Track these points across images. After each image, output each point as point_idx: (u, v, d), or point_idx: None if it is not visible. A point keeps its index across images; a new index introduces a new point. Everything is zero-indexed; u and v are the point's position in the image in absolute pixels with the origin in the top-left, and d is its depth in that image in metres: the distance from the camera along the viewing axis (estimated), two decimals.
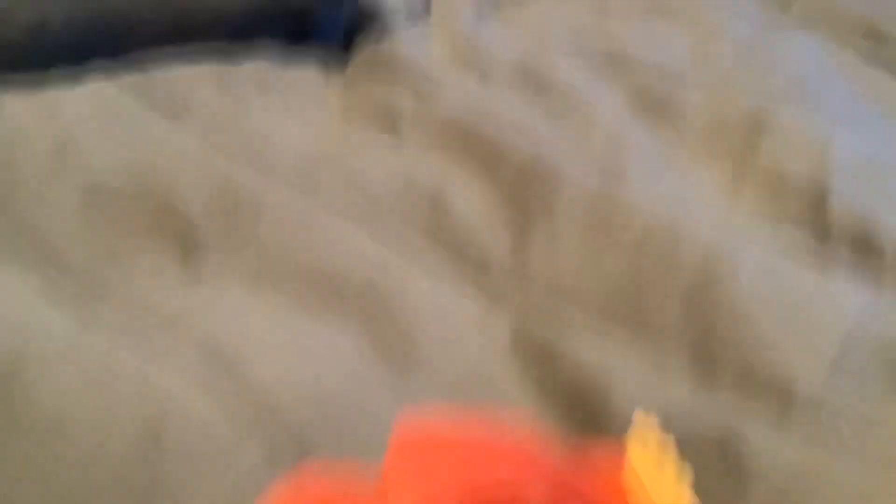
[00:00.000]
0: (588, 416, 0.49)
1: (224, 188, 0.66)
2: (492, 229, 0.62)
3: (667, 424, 0.44)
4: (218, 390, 0.48)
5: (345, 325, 0.54)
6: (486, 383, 0.52)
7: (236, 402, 0.48)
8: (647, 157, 0.71)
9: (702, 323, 0.51)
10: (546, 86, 0.78)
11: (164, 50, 0.83)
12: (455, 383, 0.51)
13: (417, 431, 0.40)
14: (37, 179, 0.68)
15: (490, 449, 0.40)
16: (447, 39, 0.90)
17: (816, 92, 0.75)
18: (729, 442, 0.44)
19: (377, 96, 0.78)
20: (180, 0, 0.81)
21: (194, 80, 0.80)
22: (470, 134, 0.69)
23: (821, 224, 0.61)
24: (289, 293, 0.56)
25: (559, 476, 0.40)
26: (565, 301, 0.55)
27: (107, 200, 0.65)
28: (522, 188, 0.63)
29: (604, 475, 0.43)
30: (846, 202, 0.62)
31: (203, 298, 0.56)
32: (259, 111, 0.78)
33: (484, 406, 0.49)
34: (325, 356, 0.51)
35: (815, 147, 0.67)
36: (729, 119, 0.73)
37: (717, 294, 0.51)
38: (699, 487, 0.41)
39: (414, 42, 0.88)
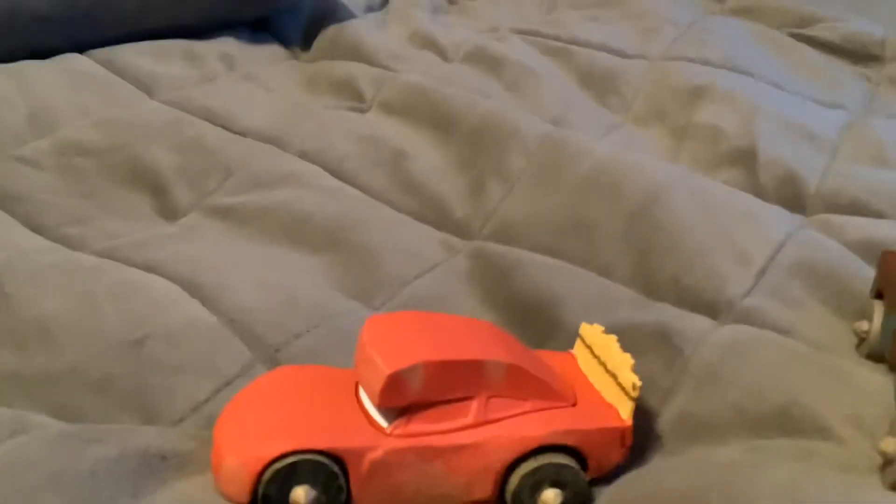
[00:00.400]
0: (540, 331, 0.53)
1: (194, 144, 0.69)
2: (451, 176, 0.66)
3: (610, 330, 0.49)
4: (197, 305, 0.51)
5: (314, 251, 0.57)
6: (447, 304, 0.55)
7: (214, 316, 0.50)
8: (594, 118, 0.76)
9: (642, 242, 0.55)
10: (499, 63, 0.84)
11: (133, 30, 0.86)
12: (418, 303, 0.55)
13: (387, 316, 0.44)
14: (14, 141, 0.70)
15: (455, 321, 0.44)
16: (405, 27, 0.95)
17: (748, 65, 0.82)
18: (666, 334, 0.48)
19: (340, 70, 0.82)
20: None
21: (162, 54, 0.83)
22: (429, 98, 0.74)
23: (752, 167, 0.66)
24: (260, 226, 0.60)
25: (517, 344, 0.44)
26: (519, 233, 0.60)
27: (81, 155, 0.68)
28: (479, 139, 0.68)
29: (555, 354, 0.48)
30: (773, 151, 0.67)
31: (179, 230, 0.60)
32: (226, 82, 0.81)
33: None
34: (297, 277, 0.55)
35: (746, 110, 0.73)
36: (669, 89, 0.79)
37: (656, 216, 0.56)
38: (642, 371, 0.46)
39: (374, 27, 0.93)
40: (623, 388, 0.42)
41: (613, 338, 0.45)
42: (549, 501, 0.39)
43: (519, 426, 0.40)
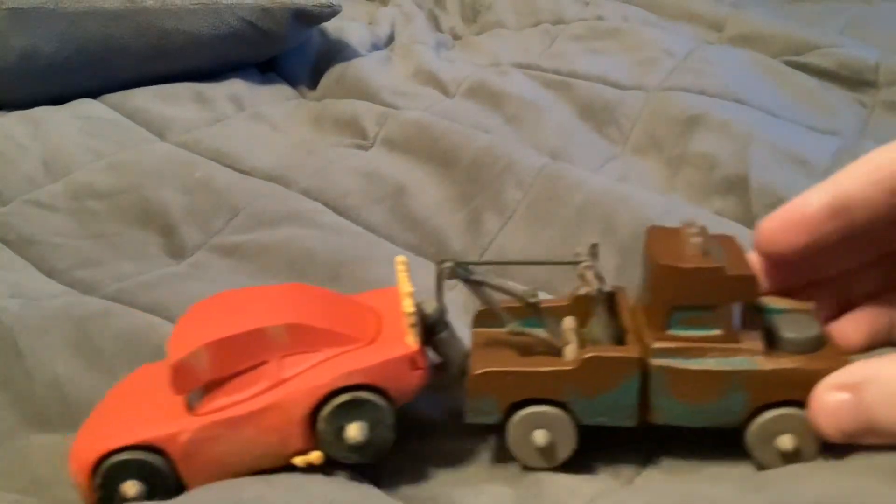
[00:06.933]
0: None
1: (203, 185, 0.72)
2: (449, 211, 0.68)
3: None
4: None
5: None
6: None
7: None
8: (593, 149, 0.78)
9: (634, 277, 0.57)
10: (500, 97, 0.85)
11: (145, 72, 0.89)
12: None
13: (200, 303, 0.45)
14: (28, 185, 0.73)
15: (262, 292, 0.45)
16: (409, 64, 0.98)
17: (744, 94, 0.83)
18: None
19: (345, 108, 0.84)
20: (158, 27, 0.88)
21: (173, 97, 0.86)
22: (430, 133, 0.75)
23: (744, 195, 0.67)
24: (264, 263, 0.62)
25: (323, 298, 0.45)
26: (513, 266, 0.61)
27: (93, 198, 0.71)
28: (476, 173, 0.70)
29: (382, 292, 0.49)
30: (765, 179, 0.68)
31: (185, 269, 0.62)
32: (235, 123, 0.84)
33: None
34: None
35: (740, 138, 0.74)
36: (666, 119, 0.80)
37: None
38: None
39: (378, 65, 0.96)
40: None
41: (400, 262, 0.46)
42: (354, 434, 0.41)
43: (309, 378, 0.42)
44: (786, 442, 0.41)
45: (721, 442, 0.43)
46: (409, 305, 0.43)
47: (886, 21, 1.06)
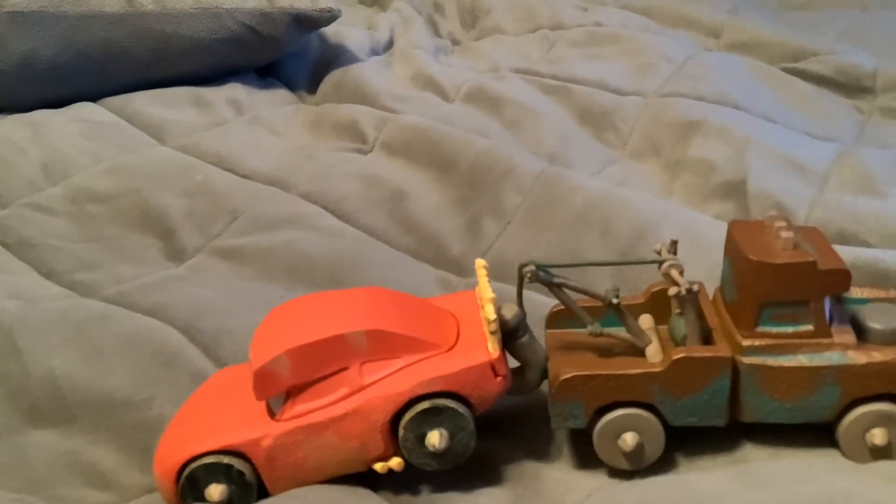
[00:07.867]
0: None
1: (202, 188, 0.72)
2: (448, 215, 0.68)
3: None
4: (198, 353, 0.53)
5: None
6: None
7: (214, 366, 0.53)
8: (591, 154, 0.78)
9: (630, 280, 0.57)
10: (499, 103, 0.86)
11: (145, 76, 0.89)
12: None
13: (282, 306, 0.46)
14: (28, 189, 0.73)
15: (341, 296, 0.45)
16: (408, 68, 0.98)
17: (741, 100, 0.83)
18: None
19: (344, 112, 0.85)
20: (158, 31, 0.88)
21: (173, 101, 0.86)
22: (429, 138, 0.76)
23: (742, 200, 0.68)
24: (263, 267, 0.62)
25: (401, 303, 0.45)
26: (513, 269, 0.61)
27: (93, 202, 0.71)
28: (475, 178, 0.70)
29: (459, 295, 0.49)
30: (762, 184, 0.68)
31: (184, 272, 0.62)
32: (234, 127, 0.84)
33: None
34: None
35: (738, 143, 0.74)
36: (664, 124, 0.80)
37: (643, 254, 0.58)
38: None
39: (377, 70, 0.96)
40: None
41: (480, 266, 0.46)
42: (435, 442, 0.42)
43: (390, 384, 0.42)
44: (877, 436, 0.41)
45: (718, 436, 0.44)
46: (491, 312, 0.42)
47: (882, 28, 1.06)
